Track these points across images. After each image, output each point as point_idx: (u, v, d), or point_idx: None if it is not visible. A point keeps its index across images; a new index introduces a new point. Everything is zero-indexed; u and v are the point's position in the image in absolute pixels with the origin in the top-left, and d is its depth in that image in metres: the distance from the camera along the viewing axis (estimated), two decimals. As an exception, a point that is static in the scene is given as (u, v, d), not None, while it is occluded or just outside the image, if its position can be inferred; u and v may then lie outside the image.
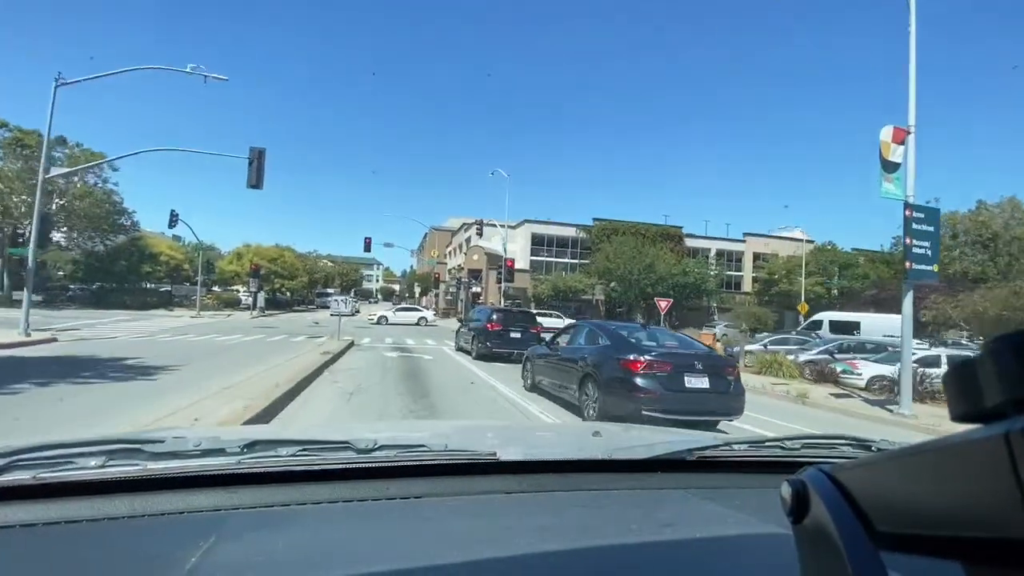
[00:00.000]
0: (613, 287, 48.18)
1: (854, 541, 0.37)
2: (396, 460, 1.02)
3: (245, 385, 8.06)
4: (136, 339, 17.39)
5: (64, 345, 13.97)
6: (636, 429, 2.36)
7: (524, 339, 14.61)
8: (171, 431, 1.31)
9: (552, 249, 55.89)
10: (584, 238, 54.93)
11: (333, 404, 7.90)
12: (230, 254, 50.31)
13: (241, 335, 20.41)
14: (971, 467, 0.29)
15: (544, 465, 1.12)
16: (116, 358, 11.43)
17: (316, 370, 10.22)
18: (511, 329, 15.29)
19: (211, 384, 8.22)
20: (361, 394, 8.79)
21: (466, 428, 2.43)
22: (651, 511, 0.96)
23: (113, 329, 20.84)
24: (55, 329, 17.34)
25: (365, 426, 3.30)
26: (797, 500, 0.43)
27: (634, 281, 47.77)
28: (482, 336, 15.29)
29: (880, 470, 0.39)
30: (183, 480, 0.91)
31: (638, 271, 47.88)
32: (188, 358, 12.21)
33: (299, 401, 7.80)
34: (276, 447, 1.03)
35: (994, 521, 0.27)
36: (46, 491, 0.84)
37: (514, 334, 15.04)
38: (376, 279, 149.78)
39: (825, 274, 57.27)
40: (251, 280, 40.18)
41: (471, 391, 10.14)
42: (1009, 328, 0.30)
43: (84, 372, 9.28)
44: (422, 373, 12.22)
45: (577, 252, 55.41)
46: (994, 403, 0.27)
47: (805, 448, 1.28)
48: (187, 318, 30.78)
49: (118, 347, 14.05)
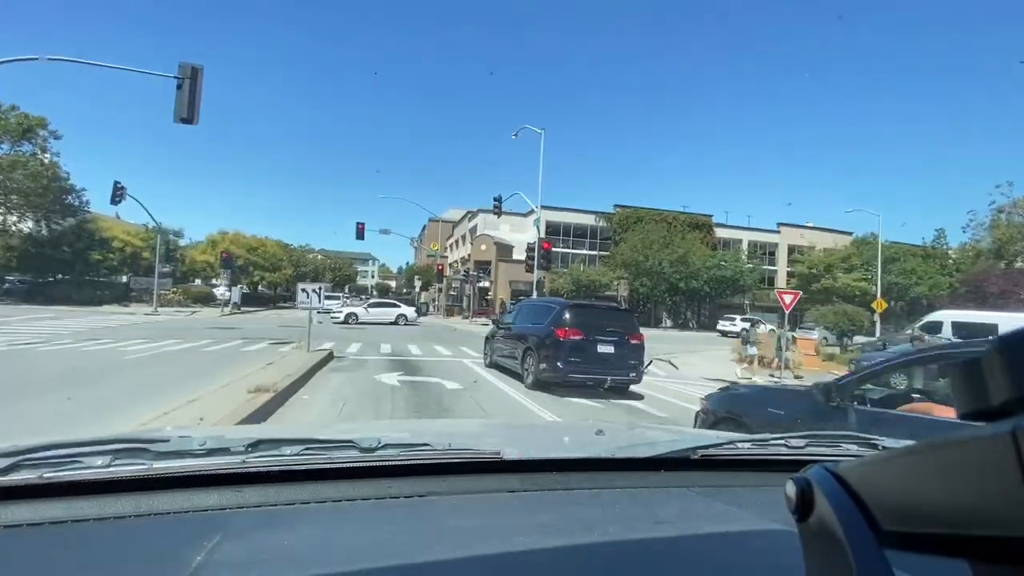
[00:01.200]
0: (642, 282, 42.31)
1: (859, 539, 0.37)
2: (400, 459, 1.02)
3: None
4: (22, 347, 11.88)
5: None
6: (640, 427, 2.63)
7: (620, 355, 8.81)
8: (176, 430, 1.31)
9: (569, 239, 49.89)
10: (604, 227, 49.10)
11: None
12: (204, 243, 44.02)
13: (177, 342, 14.44)
14: (977, 465, 0.29)
15: (548, 464, 1.11)
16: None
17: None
18: (599, 339, 8.84)
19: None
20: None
21: (469, 427, 2.41)
22: (654, 509, 0.96)
23: (32, 330, 16.13)
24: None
25: (369, 425, 3.23)
26: (802, 498, 0.43)
27: (664, 275, 42.01)
28: (547, 350, 8.95)
29: (885, 468, 0.38)
30: (188, 479, 0.90)
31: (668, 264, 42.17)
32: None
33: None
34: (280, 446, 1.03)
35: (1000, 519, 0.27)
36: (52, 490, 0.84)
37: (604, 348, 8.77)
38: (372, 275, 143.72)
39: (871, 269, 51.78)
40: (223, 271, 34.14)
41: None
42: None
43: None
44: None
45: (596, 243, 49.53)
46: (1001, 401, 0.27)
47: (809, 446, 1.27)
48: (141, 315, 26.11)
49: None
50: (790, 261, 54.32)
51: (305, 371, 8.81)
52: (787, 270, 53.70)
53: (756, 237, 53.95)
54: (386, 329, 25.25)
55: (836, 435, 1.39)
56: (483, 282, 41.27)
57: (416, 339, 19.96)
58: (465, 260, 52.84)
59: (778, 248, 54.45)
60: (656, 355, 12.47)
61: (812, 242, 54.94)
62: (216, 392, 6.67)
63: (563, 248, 49.50)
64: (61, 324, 18.59)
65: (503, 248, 45.69)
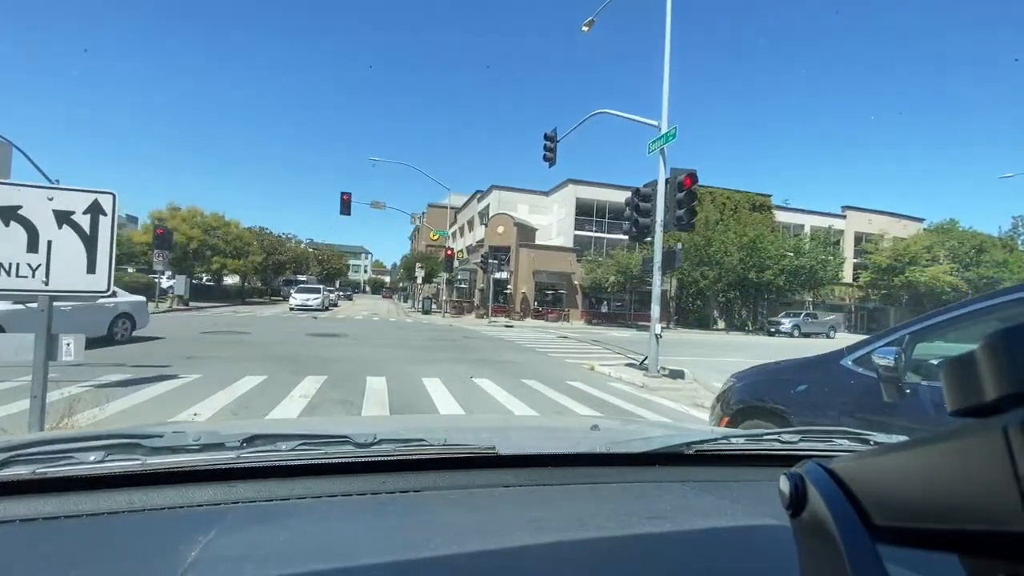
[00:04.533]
0: (702, 272, 33.67)
1: (852, 534, 0.37)
2: (395, 454, 1.02)
3: None
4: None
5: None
6: (635, 423, 2.71)
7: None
8: (170, 426, 1.29)
9: (604, 222, 41.08)
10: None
11: None
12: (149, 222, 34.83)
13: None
14: (969, 461, 0.29)
15: (543, 459, 1.11)
16: None
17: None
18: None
19: None
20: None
21: (465, 422, 2.42)
22: (649, 504, 0.96)
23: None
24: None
25: (364, 420, 3.14)
26: (795, 493, 0.43)
27: (731, 265, 33.45)
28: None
29: (878, 463, 0.38)
30: (182, 475, 0.90)
31: (736, 250, 33.68)
32: None
33: None
34: (275, 441, 1.02)
35: (991, 514, 0.27)
36: (45, 486, 0.84)
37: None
38: (365, 269, 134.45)
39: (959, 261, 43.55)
40: (156, 253, 25.13)
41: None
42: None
43: None
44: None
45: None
46: (992, 397, 0.27)
47: (803, 441, 1.27)
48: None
49: None
50: (856, 252, 46.11)
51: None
52: (854, 261, 45.47)
53: (819, 222, 45.42)
54: (379, 335, 16.46)
55: (830, 430, 1.39)
56: (502, 272, 32.43)
57: (438, 360, 11.19)
58: (474, 248, 44.01)
59: (843, 235, 45.95)
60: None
61: (882, 229, 46.69)
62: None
63: (595, 232, 40.77)
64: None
65: (525, 231, 36.87)
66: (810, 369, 3.18)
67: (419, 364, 10.08)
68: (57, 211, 3.41)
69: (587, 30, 14.70)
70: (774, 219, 41.95)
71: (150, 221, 33.71)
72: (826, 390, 2.95)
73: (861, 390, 2.75)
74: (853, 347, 2.97)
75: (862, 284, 44.12)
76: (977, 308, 2.49)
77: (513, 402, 7.03)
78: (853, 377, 2.84)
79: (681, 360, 12.82)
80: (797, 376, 3.21)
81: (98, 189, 3.54)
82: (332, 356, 10.59)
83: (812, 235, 39.60)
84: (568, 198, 40.22)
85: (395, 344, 13.99)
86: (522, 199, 43.65)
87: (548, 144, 15.88)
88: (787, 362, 3.47)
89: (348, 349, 12.12)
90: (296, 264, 51.96)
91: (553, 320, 33.81)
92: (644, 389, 9.06)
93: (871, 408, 2.66)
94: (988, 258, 43.86)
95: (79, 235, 3.46)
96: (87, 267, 3.48)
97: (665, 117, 10.51)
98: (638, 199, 10.93)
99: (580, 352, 14.96)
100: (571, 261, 36.14)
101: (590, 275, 34.19)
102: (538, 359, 12.64)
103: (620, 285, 32.79)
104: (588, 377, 10.12)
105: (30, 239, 3.34)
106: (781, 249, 33.66)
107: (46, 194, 3.41)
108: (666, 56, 10.74)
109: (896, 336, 2.75)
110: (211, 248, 33.69)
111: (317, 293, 31.90)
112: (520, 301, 34.89)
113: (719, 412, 3.61)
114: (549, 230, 42.03)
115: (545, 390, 8.12)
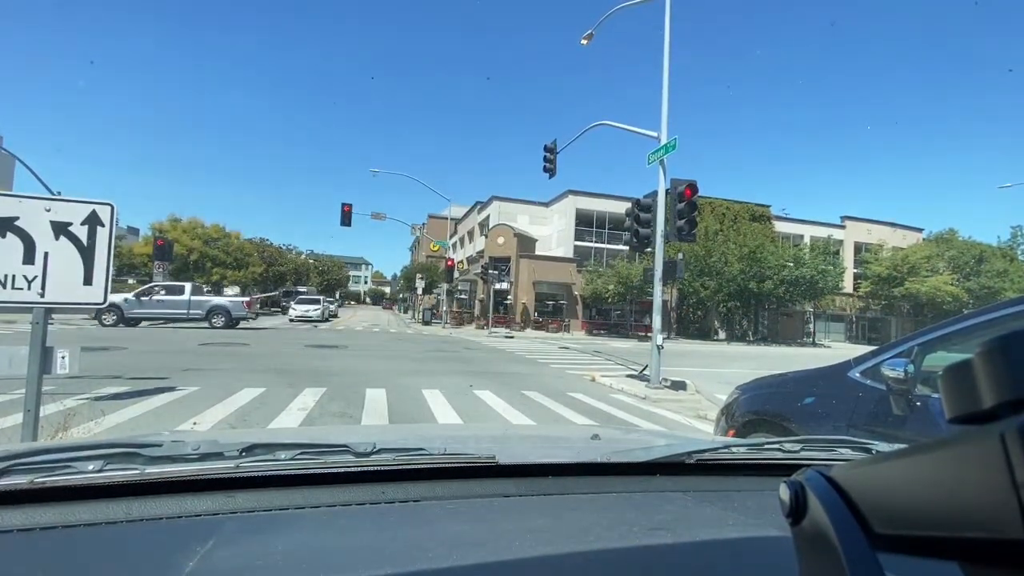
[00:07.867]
0: (703, 283, 33.63)
1: (852, 543, 0.37)
2: (395, 463, 1.01)
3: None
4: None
5: None
6: (635, 432, 2.72)
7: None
8: (170, 435, 1.27)
9: (604, 232, 41.18)
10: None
11: None
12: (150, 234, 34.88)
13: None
14: (967, 468, 0.29)
15: (543, 468, 1.10)
16: None
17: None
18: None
19: None
20: None
21: (465, 432, 2.40)
22: (650, 513, 0.94)
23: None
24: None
25: (364, 429, 3.19)
26: (795, 502, 0.43)
27: (732, 275, 33.40)
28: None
29: (877, 472, 0.38)
30: (181, 484, 0.89)
31: (736, 260, 33.64)
32: None
33: None
34: (274, 451, 1.02)
35: (990, 522, 0.27)
36: (43, 496, 0.83)
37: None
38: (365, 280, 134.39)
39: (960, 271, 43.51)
40: (156, 264, 25.25)
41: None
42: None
43: None
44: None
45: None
46: (989, 404, 0.27)
47: (804, 450, 1.25)
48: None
49: None
50: (856, 261, 46.06)
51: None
52: (854, 271, 45.41)
53: (818, 232, 45.48)
54: (379, 347, 16.39)
55: (830, 439, 1.39)
56: (502, 283, 32.41)
57: (438, 371, 11.12)
58: (475, 258, 44.04)
59: (843, 245, 45.97)
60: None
61: (881, 239, 46.70)
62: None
63: (594, 242, 40.80)
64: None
65: (525, 241, 36.92)
66: (817, 381, 3.11)
67: (419, 376, 10.00)
68: (54, 222, 3.38)
69: (586, 43, 14.79)
70: (774, 229, 42.01)
71: (151, 232, 33.79)
72: (834, 402, 2.89)
73: (870, 403, 2.69)
74: (860, 359, 2.91)
75: (862, 294, 44.02)
76: (992, 317, 2.41)
77: (514, 414, 6.96)
78: (861, 389, 2.77)
79: (683, 371, 12.73)
80: (803, 388, 3.15)
81: (96, 200, 3.51)
82: (331, 368, 10.52)
83: (812, 245, 39.60)
84: (568, 209, 40.32)
85: (395, 355, 13.92)
86: (522, 210, 43.76)
87: (548, 155, 15.94)
88: (793, 374, 3.41)
89: (347, 361, 12.04)
90: (296, 275, 51.97)
91: (554, 330, 33.71)
92: (646, 401, 8.97)
93: (881, 421, 2.60)
94: (988, 268, 43.85)
95: (76, 246, 3.43)
96: (84, 279, 3.43)
97: (664, 128, 10.53)
98: (638, 210, 10.91)
99: (581, 363, 14.86)
100: (571, 271, 36.13)
101: (590, 285, 34.14)
102: (539, 370, 12.55)
103: (620, 295, 32.72)
104: (590, 388, 10.04)
105: (26, 250, 3.30)
106: (781, 259, 33.63)
107: (43, 205, 3.38)
108: (665, 69, 10.78)
109: (905, 347, 2.68)
110: (211, 259, 33.73)
111: (317, 304, 31.98)
112: (520, 312, 34.82)
113: (724, 425, 3.54)
114: (549, 241, 42.07)
115: (547, 402, 8.05)
